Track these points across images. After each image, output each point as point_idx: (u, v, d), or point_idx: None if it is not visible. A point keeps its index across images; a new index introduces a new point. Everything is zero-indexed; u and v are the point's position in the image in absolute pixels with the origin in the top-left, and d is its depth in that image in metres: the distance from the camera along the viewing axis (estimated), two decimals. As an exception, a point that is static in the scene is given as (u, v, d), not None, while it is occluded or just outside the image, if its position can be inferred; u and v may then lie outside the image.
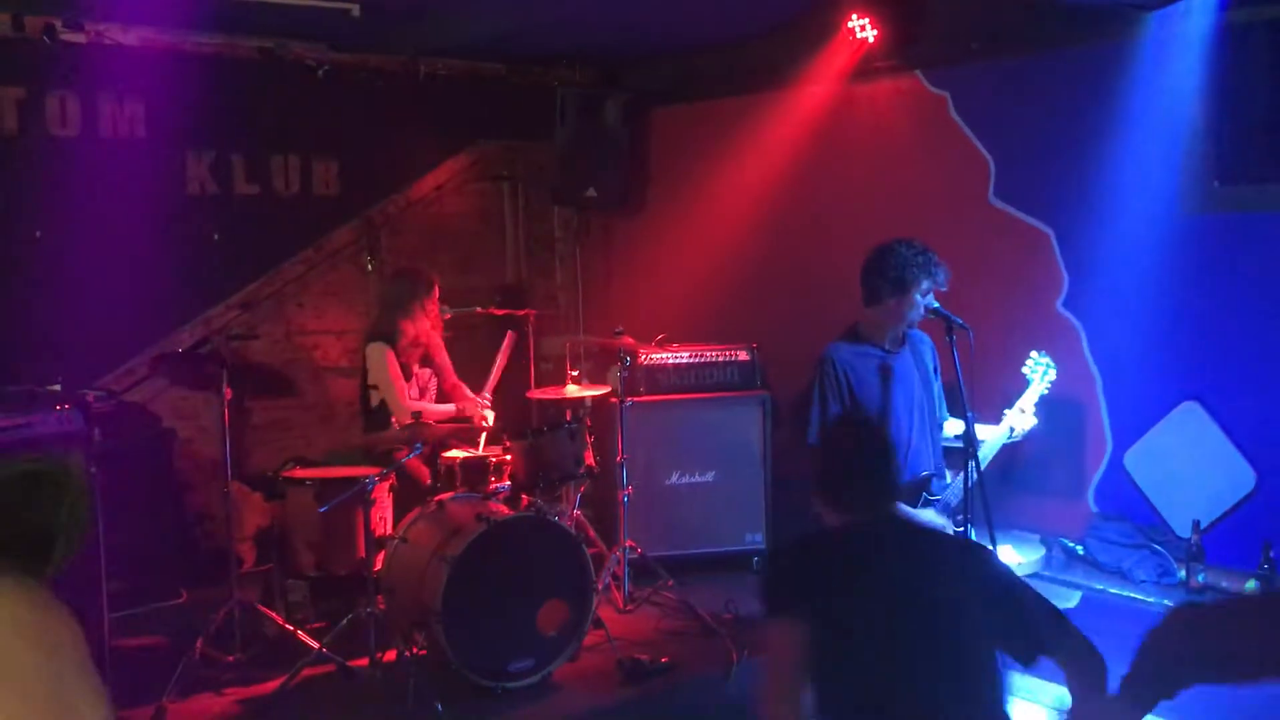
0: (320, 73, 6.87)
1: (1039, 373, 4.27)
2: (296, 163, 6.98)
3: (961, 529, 3.83)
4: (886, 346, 4.13)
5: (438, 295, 5.90)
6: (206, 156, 6.62)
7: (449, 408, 5.87)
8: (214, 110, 6.51)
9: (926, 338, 4.37)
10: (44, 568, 1.36)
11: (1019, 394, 4.23)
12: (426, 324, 5.84)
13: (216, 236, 6.66)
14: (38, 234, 6.00)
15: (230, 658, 4.97)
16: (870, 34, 6.13)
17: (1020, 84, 6.02)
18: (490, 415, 5.85)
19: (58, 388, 5.10)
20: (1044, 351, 4.34)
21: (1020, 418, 4.14)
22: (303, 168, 7.00)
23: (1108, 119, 5.48)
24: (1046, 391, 4.27)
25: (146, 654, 5.23)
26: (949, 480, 4.10)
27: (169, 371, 6.02)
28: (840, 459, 2.84)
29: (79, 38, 5.98)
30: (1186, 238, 5.33)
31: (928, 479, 4.04)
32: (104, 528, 4.75)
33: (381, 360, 5.66)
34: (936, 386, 4.20)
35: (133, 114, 6.28)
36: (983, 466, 3.91)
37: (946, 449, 4.31)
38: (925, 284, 4.02)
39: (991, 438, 4.11)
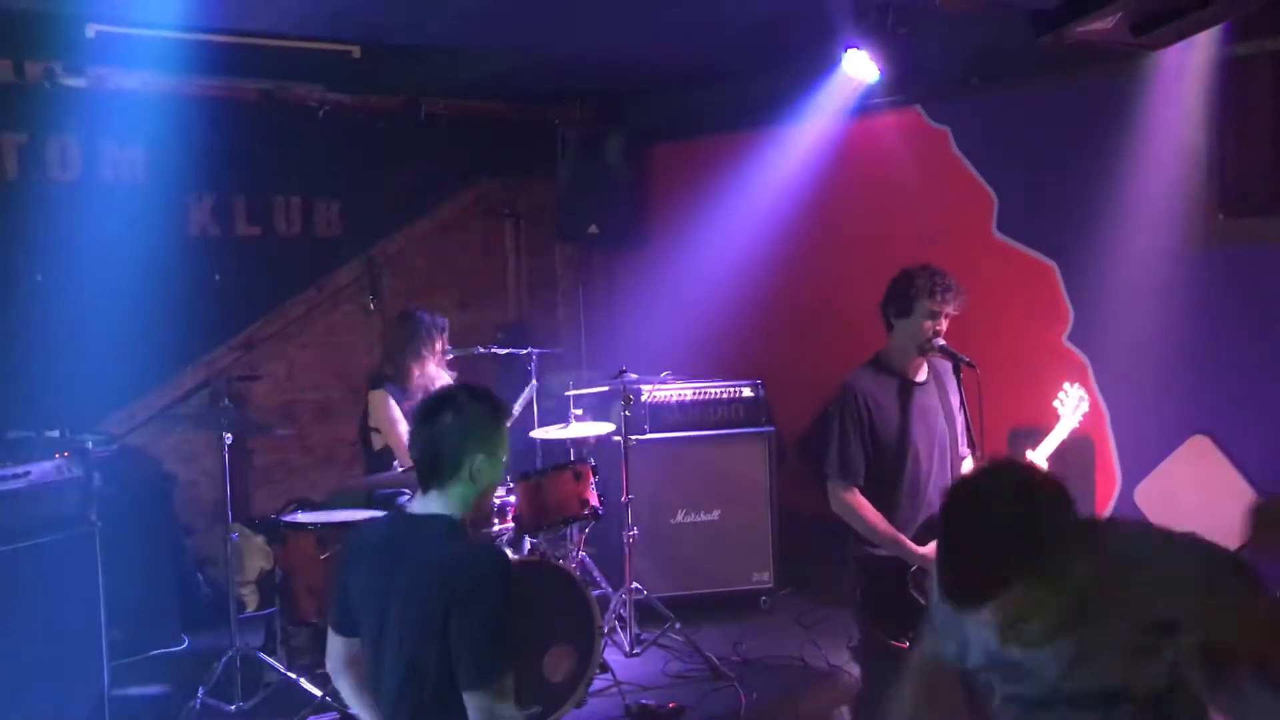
0: (321, 114, 6.88)
1: (1071, 405, 4.17)
2: (298, 203, 6.98)
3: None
4: (909, 376, 4.04)
5: (446, 338, 5.80)
6: (208, 199, 6.62)
7: None
8: (215, 152, 6.50)
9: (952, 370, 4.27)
10: None
11: (1027, 429, 4.13)
12: (434, 366, 5.71)
13: (218, 278, 6.65)
14: (39, 278, 5.98)
15: (232, 706, 4.91)
16: (867, 70, 6.11)
17: (1021, 117, 6.00)
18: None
19: (56, 434, 5.07)
20: (1075, 383, 4.24)
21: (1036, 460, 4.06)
22: (304, 208, 7.01)
23: (1110, 152, 5.45)
24: (1077, 425, 4.17)
25: (148, 702, 5.17)
26: None
27: (170, 415, 6.00)
28: None
29: (79, 82, 5.98)
30: (1192, 271, 5.28)
31: None
32: (104, 574, 4.71)
33: (384, 407, 5.53)
34: (961, 421, 4.10)
35: (133, 157, 6.29)
36: None
37: None
38: (928, 304, 3.93)
39: None
